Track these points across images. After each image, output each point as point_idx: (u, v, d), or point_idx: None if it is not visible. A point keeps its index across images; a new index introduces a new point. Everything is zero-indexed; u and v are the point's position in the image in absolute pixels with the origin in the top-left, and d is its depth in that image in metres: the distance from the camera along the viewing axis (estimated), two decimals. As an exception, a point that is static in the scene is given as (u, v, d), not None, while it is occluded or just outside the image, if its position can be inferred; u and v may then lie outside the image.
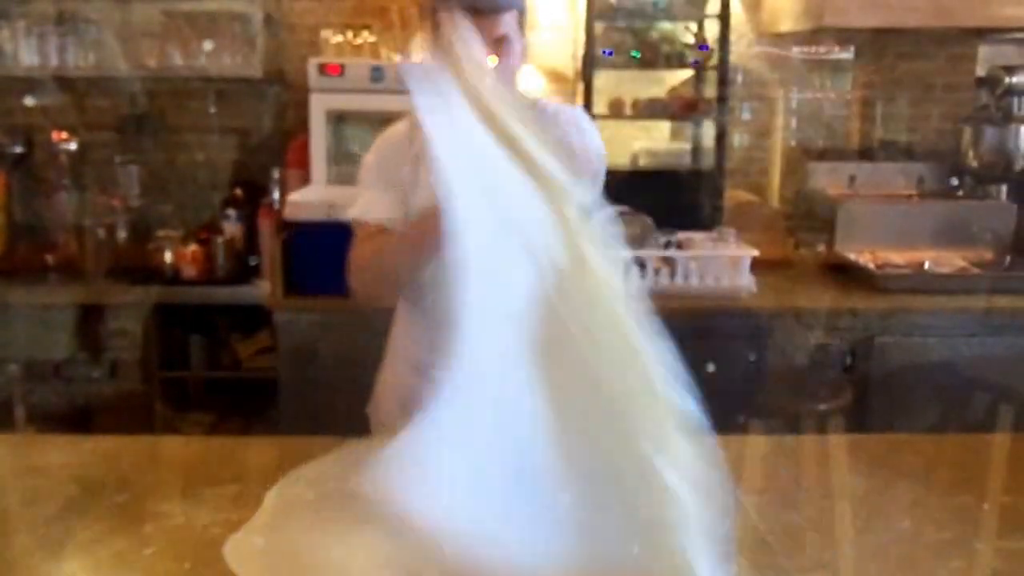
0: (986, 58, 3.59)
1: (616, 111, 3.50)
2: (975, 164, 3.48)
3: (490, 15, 1.45)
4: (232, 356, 3.41)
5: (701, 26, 3.50)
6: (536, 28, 3.44)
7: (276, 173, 3.39)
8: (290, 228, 2.72)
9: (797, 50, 3.65)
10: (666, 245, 2.85)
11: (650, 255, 2.79)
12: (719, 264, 2.81)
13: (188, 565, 1.13)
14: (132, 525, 1.22)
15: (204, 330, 3.41)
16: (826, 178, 3.52)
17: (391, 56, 3.23)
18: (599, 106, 3.41)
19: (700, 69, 3.57)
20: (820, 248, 3.32)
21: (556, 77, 3.56)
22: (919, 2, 3.08)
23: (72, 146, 3.45)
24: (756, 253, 2.82)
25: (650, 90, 3.58)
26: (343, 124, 3.07)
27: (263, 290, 3.02)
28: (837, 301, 2.81)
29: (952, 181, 3.51)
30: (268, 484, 1.37)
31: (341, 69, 3.01)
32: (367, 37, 3.29)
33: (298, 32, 3.51)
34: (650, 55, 3.50)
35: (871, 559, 1.18)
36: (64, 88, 3.41)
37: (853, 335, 2.77)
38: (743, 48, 3.60)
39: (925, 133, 3.66)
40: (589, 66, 3.38)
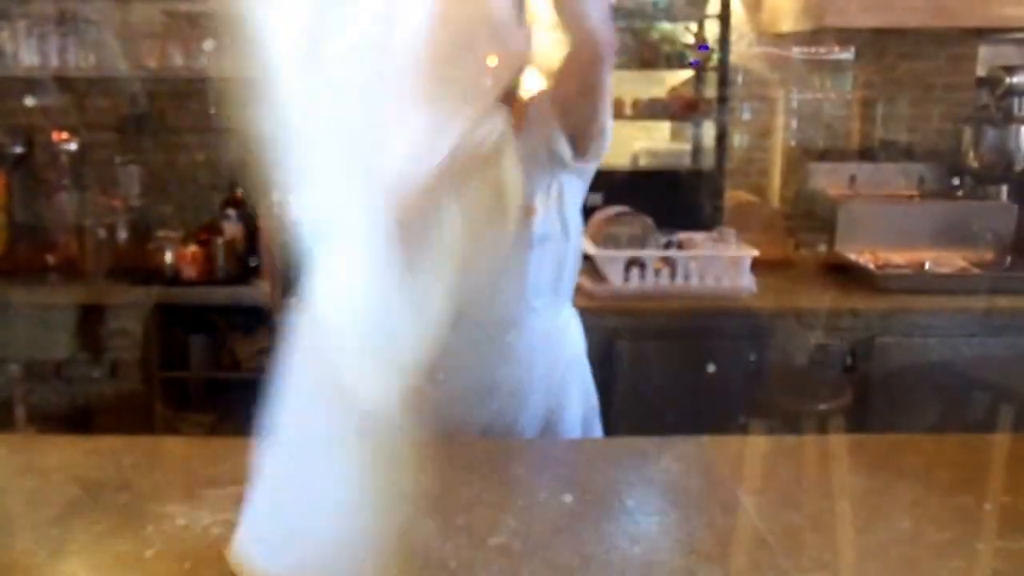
0: (986, 58, 3.59)
1: (616, 111, 3.46)
2: (975, 164, 3.48)
3: None
4: (232, 356, 3.41)
5: (701, 26, 3.50)
6: (536, 28, 3.42)
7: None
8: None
9: (797, 50, 3.65)
10: (666, 245, 2.85)
11: (650, 255, 2.79)
12: (719, 264, 2.81)
13: (189, 565, 1.13)
14: (133, 526, 1.22)
15: (204, 330, 3.41)
16: (826, 178, 3.52)
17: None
18: (599, 106, 3.41)
19: (700, 69, 3.57)
20: (820, 248, 3.32)
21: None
22: (919, 2, 3.08)
23: (72, 146, 3.44)
24: (756, 253, 2.82)
25: (650, 90, 3.58)
26: (343, 124, 3.06)
27: (263, 290, 3.02)
28: (837, 301, 2.81)
29: (953, 181, 3.51)
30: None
31: (341, 69, 3.01)
32: (367, 37, 3.29)
33: (298, 32, 3.51)
34: (650, 55, 3.50)
35: (871, 559, 1.18)
36: (64, 88, 3.41)
37: (853, 335, 2.77)
38: (743, 48, 3.60)
39: (925, 133, 3.66)
40: (589, 66, 3.37)
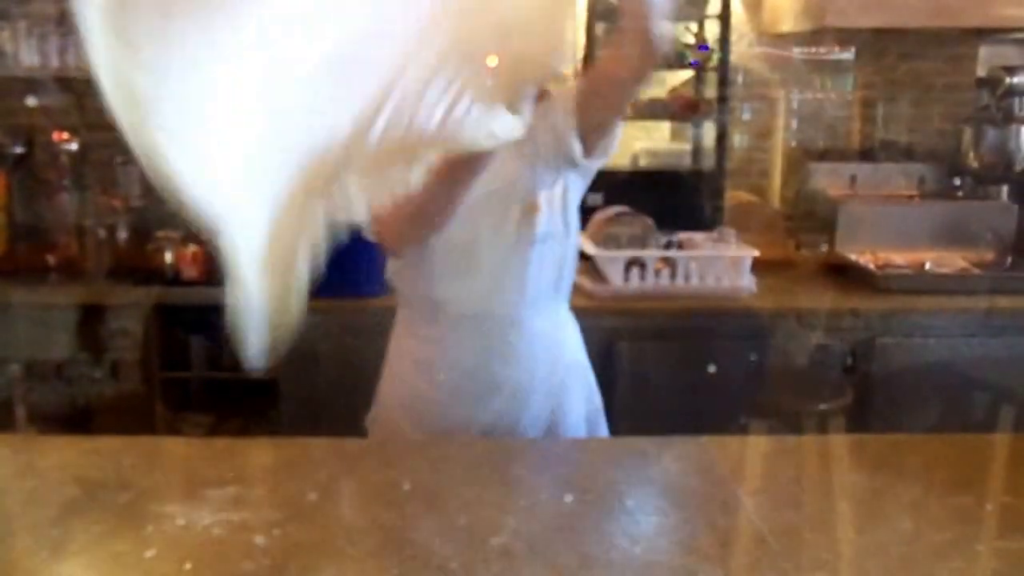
0: (987, 58, 3.59)
1: (617, 111, 3.50)
2: (976, 165, 3.48)
3: None
4: (232, 357, 3.41)
5: (701, 26, 3.50)
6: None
7: (277, 173, 3.39)
8: (291, 228, 2.71)
9: (798, 50, 3.65)
10: (667, 245, 2.85)
11: (651, 255, 2.79)
12: (720, 265, 2.81)
13: (189, 566, 1.13)
14: (133, 526, 1.22)
15: (205, 331, 3.41)
16: (827, 179, 3.52)
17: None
18: (600, 106, 3.41)
19: (700, 69, 3.57)
20: (821, 249, 3.32)
21: (556, 77, 3.55)
22: (920, 2, 3.08)
23: (73, 146, 3.44)
24: (757, 253, 2.82)
25: (650, 90, 3.58)
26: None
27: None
28: (838, 302, 2.81)
29: (953, 182, 3.51)
30: (268, 485, 1.38)
31: (342, 69, 3.01)
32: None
33: (299, 32, 3.50)
34: (650, 55, 3.50)
35: (871, 559, 1.18)
36: (65, 88, 3.40)
37: (854, 335, 2.77)
38: (744, 48, 3.60)
39: (926, 133, 3.66)
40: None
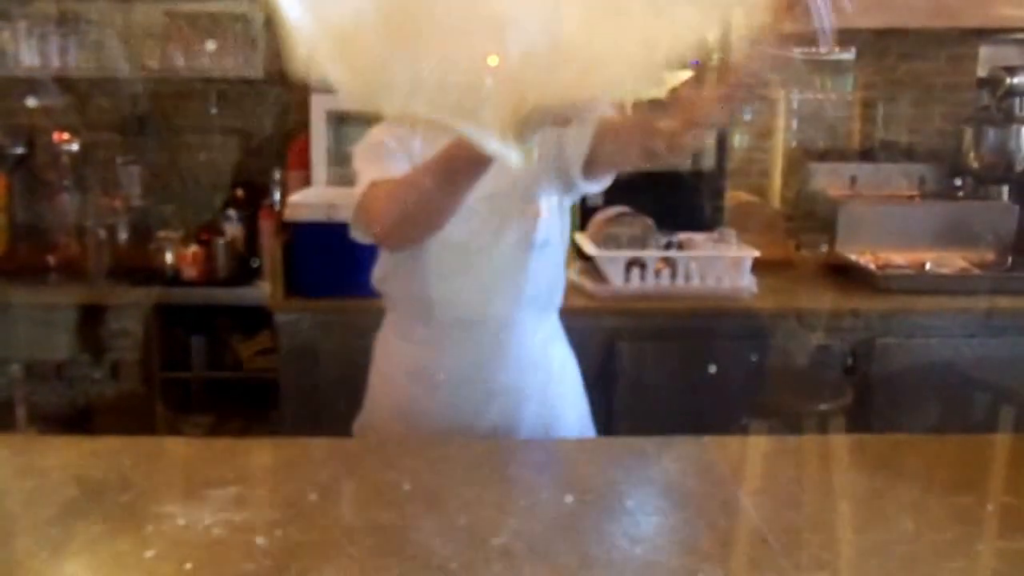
0: (987, 59, 3.59)
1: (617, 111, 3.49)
2: (976, 165, 3.48)
3: None
4: (233, 357, 3.42)
5: (702, 27, 3.50)
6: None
7: (277, 174, 3.39)
8: (291, 229, 2.72)
9: (798, 50, 3.64)
10: (667, 246, 2.85)
11: (651, 256, 2.79)
12: (720, 265, 2.81)
13: (190, 566, 1.13)
14: (133, 526, 1.22)
15: (205, 331, 3.42)
16: (827, 179, 3.52)
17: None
18: (600, 107, 3.41)
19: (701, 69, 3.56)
20: (821, 249, 3.31)
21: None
22: (920, 3, 3.08)
23: (74, 147, 3.45)
24: (757, 254, 2.82)
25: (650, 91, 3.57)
26: (344, 125, 3.07)
27: (264, 291, 3.02)
28: (838, 302, 2.81)
29: (953, 182, 3.51)
30: (269, 485, 1.38)
31: (342, 70, 3.01)
32: (368, 38, 3.30)
33: (299, 33, 3.50)
34: (651, 56, 3.50)
35: (872, 559, 1.18)
36: (65, 89, 3.41)
37: (854, 336, 2.77)
38: (744, 48, 3.59)
39: (926, 134, 3.66)
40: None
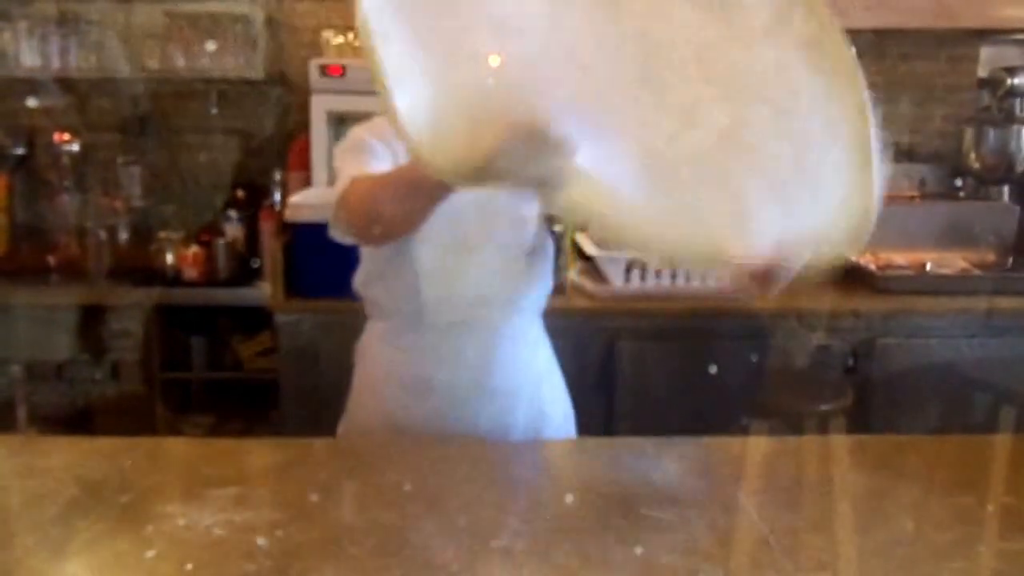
0: (988, 59, 3.59)
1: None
2: (977, 165, 3.48)
3: None
4: (233, 357, 3.42)
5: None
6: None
7: (277, 175, 3.39)
8: (291, 230, 2.72)
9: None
10: (667, 246, 2.85)
11: (651, 256, 2.79)
12: (720, 265, 2.80)
13: (190, 566, 1.13)
14: (133, 526, 1.22)
15: (205, 331, 3.42)
16: (828, 179, 3.52)
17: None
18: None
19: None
20: (822, 249, 3.31)
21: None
22: (921, 3, 3.08)
23: (74, 147, 3.45)
24: (757, 254, 2.81)
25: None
26: (344, 126, 3.07)
27: (264, 292, 3.02)
28: (839, 302, 2.80)
29: (954, 182, 3.51)
30: (269, 485, 1.38)
31: (342, 70, 3.02)
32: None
33: (299, 33, 3.51)
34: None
35: (872, 560, 1.18)
36: (66, 89, 3.41)
37: (855, 336, 2.77)
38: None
39: (927, 134, 3.66)
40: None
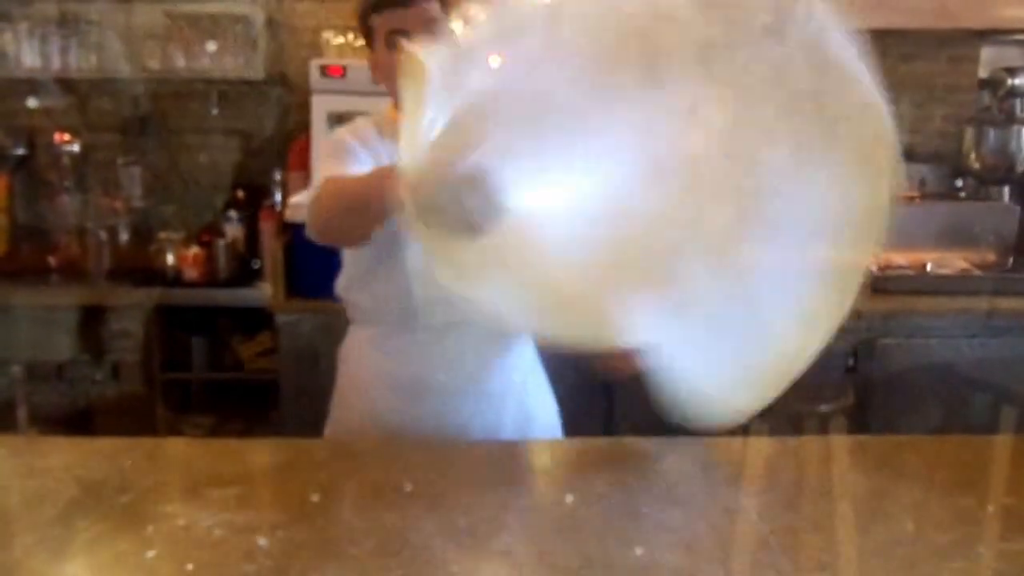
0: (988, 60, 3.59)
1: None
2: (977, 166, 3.48)
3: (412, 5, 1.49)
4: (234, 358, 3.41)
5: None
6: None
7: (278, 175, 3.39)
8: (291, 230, 2.72)
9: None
10: (668, 247, 2.84)
11: (652, 257, 2.78)
12: (721, 266, 2.80)
13: (191, 566, 1.13)
14: (134, 526, 1.22)
15: (206, 332, 3.41)
16: (828, 179, 3.51)
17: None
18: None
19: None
20: (822, 249, 3.31)
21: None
22: (921, 3, 3.08)
23: (74, 148, 3.45)
24: (758, 254, 2.81)
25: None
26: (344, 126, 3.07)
27: (265, 292, 3.02)
28: (839, 302, 2.80)
29: (955, 183, 3.51)
30: (270, 486, 1.38)
31: (343, 71, 3.02)
32: (369, 39, 3.30)
33: (300, 34, 3.51)
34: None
35: (872, 560, 1.18)
36: (66, 90, 3.41)
37: (855, 336, 2.76)
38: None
39: (927, 135, 3.66)
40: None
